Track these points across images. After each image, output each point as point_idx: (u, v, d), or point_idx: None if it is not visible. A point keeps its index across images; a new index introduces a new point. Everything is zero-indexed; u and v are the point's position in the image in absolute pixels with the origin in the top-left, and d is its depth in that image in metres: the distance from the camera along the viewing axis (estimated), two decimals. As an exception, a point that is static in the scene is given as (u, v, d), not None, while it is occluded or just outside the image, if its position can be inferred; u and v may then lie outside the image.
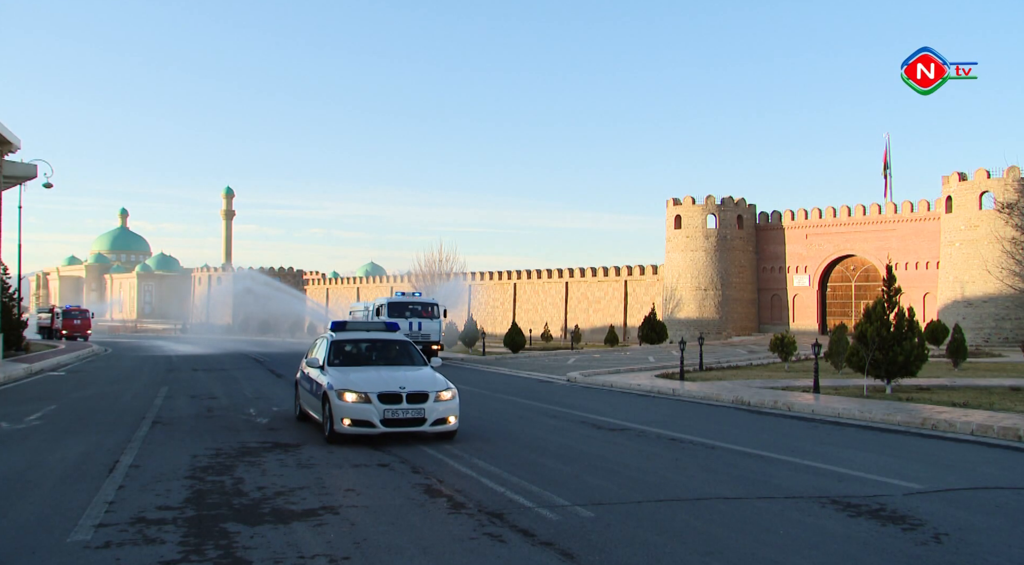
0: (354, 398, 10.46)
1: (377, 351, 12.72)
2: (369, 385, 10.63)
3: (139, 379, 22.97)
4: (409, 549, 5.87)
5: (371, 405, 10.38)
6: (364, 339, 12.93)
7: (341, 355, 12.23)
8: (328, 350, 12.09)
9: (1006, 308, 43.34)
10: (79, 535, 6.19)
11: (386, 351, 12.73)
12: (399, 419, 10.43)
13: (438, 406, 10.66)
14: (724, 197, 56.35)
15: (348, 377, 10.96)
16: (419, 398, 10.59)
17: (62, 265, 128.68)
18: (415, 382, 10.90)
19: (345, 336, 12.76)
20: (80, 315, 63.20)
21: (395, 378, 11.02)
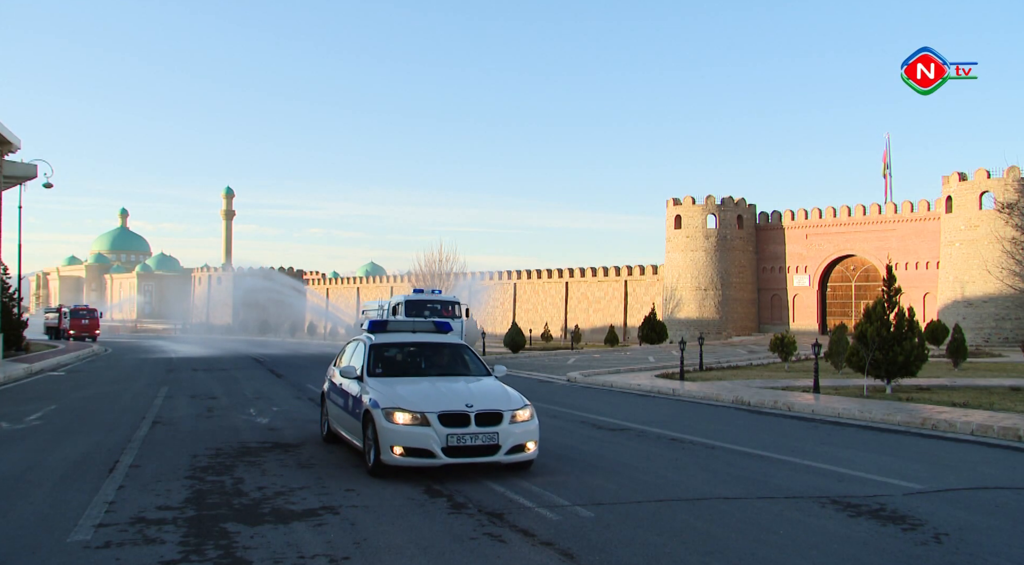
0: (407, 419, 8.24)
1: (427, 357, 10.43)
2: (426, 402, 8.44)
3: (139, 379, 22.97)
4: (409, 549, 5.87)
5: (430, 429, 8.15)
6: (411, 343, 10.56)
7: (383, 362, 9.88)
8: (367, 356, 9.74)
9: (1006, 308, 43.35)
10: (79, 535, 6.19)
11: (437, 357, 10.42)
12: (466, 447, 8.19)
13: (514, 429, 8.43)
14: (724, 197, 56.37)
15: (396, 391, 8.76)
16: (491, 419, 8.40)
17: (62, 265, 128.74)
18: (483, 398, 8.69)
19: (387, 338, 10.34)
20: (88, 315, 61.89)
21: (456, 392, 8.81)
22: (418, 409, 8.30)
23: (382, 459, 8.29)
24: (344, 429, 9.88)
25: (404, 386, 9.04)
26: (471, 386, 9.15)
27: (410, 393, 8.71)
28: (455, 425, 8.21)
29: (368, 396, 8.82)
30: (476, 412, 8.35)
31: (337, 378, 10.39)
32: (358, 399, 9.13)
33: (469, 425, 8.24)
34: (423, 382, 9.31)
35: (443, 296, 30.50)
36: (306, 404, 16.10)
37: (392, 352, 10.33)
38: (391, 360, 10.15)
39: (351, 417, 9.38)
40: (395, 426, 8.23)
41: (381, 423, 8.29)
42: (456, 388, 8.99)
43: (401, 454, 8.17)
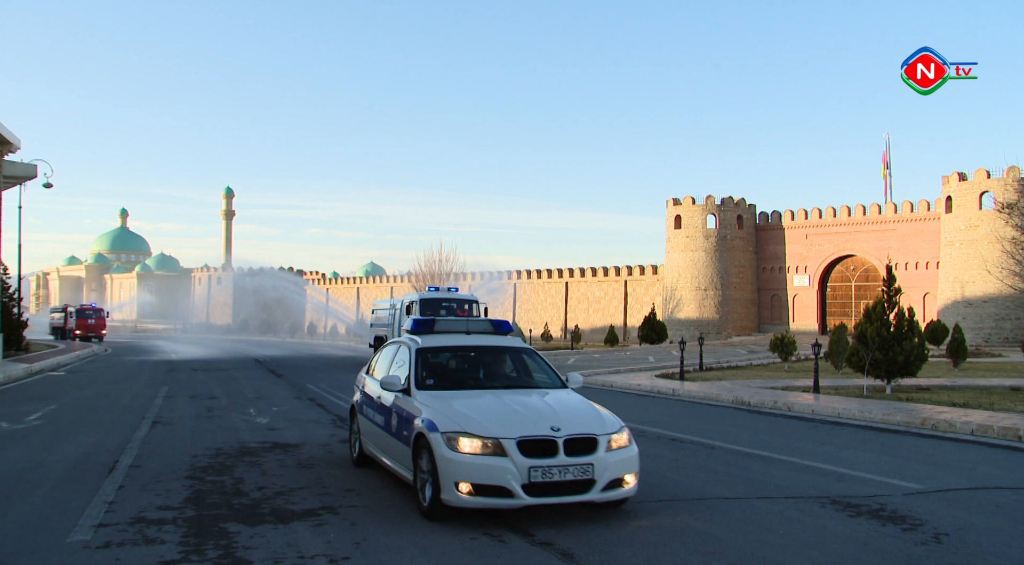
0: (476, 447, 6.46)
1: (486, 365, 8.61)
2: (499, 425, 6.66)
3: (139, 379, 22.97)
4: (409, 549, 5.87)
5: (507, 460, 6.36)
6: (466, 347, 8.75)
7: (433, 371, 8.14)
8: (415, 364, 8.00)
9: (1006, 308, 43.36)
10: (79, 535, 6.19)
11: (498, 364, 8.66)
12: (554, 483, 6.39)
13: (611, 458, 6.65)
14: (724, 197, 56.38)
15: (455, 409, 7.00)
16: (584, 446, 6.60)
17: (62, 265, 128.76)
18: (570, 418, 6.92)
19: (436, 341, 8.52)
20: (95, 314, 60.61)
21: (534, 411, 7.02)
22: (491, 434, 6.51)
23: (443, 498, 6.46)
24: (385, 454, 8.03)
25: (464, 402, 7.28)
26: (548, 401, 7.37)
27: (474, 412, 6.96)
28: (539, 455, 6.45)
29: (421, 416, 7.02)
30: (565, 438, 6.56)
31: (372, 388, 8.74)
32: (406, 419, 7.33)
33: (556, 454, 6.48)
34: (486, 396, 7.50)
35: (460, 294, 28.77)
36: (306, 404, 16.10)
37: (443, 358, 8.52)
38: (443, 368, 8.39)
39: (396, 441, 7.58)
40: (461, 456, 6.43)
41: (442, 452, 6.50)
42: (532, 404, 7.22)
43: (469, 493, 6.35)
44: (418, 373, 7.90)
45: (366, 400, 8.94)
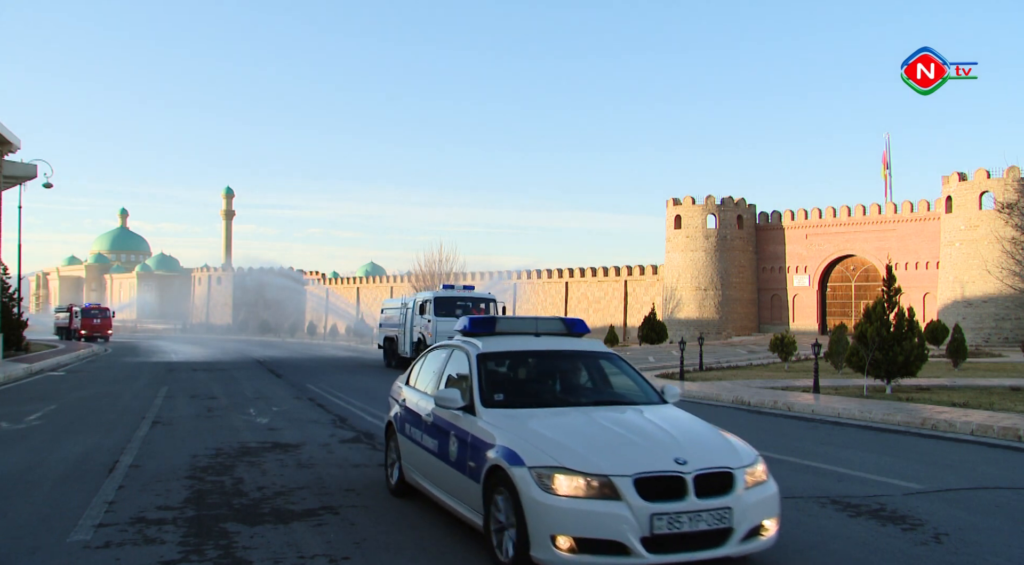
0: (578, 487, 4.93)
1: (564, 375, 7.00)
2: (605, 455, 5.09)
3: (139, 379, 22.98)
4: (409, 549, 5.87)
5: (620, 505, 4.84)
6: (538, 352, 7.03)
7: (500, 383, 6.59)
8: (477, 374, 6.40)
9: (1006, 308, 43.36)
10: (79, 535, 6.19)
11: (576, 373, 7.03)
12: (683, 535, 4.90)
13: (750, 499, 5.12)
14: (724, 197, 56.39)
15: (538, 433, 5.46)
16: (717, 484, 5.08)
17: (62, 265, 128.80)
18: (694, 446, 5.34)
19: (500, 345, 6.89)
20: (100, 314, 59.90)
21: (644, 435, 5.48)
22: (598, 470, 4.94)
23: (533, 557, 4.95)
24: (439, 486, 6.49)
25: (547, 423, 5.69)
26: (656, 422, 5.77)
27: (567, 437, 5.36)
28: (662, 497, 4.88)
29: (495, 443, 5.47)
30: (695, 473, 4.99)
31: (417, 403, 7.22)
32: (473, 446, 5.78)
33: (685, 496, 4.91)
34: (573, 416, 5.93)
35: (476, 293, 27.89)
36: (306, 404, 16.10)
37: (510, 366, 6.95)
38: (512, 379, 6.85)
39: (456, 472, 6.01)
40: (557, 500, 4.87)
41: (531, 494, 4.95)
42: (639, 427, 5.65)
43: (570, 549, 4.84)
44: (483, 386, 6.27)
45: (409, 417, 7.33)
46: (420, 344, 25.46)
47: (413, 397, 7.46)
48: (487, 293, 28.52)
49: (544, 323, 7.35)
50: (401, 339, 28.17)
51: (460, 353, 6.93)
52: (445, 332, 24.01)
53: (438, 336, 24.09)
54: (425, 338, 24.94)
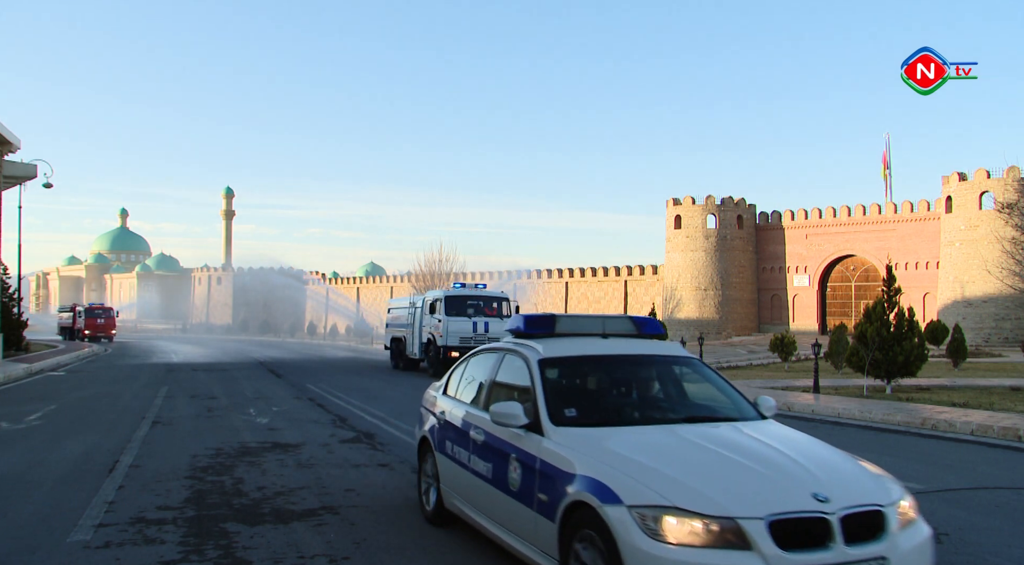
0: (696, 534, 3.84)
1: (640, 385, 5.93)
2: (726, 490, 4.02)
3: (139, 379, 22.97)
4: (409, 549, 5.87)
5: (752, 557, 3.75)
6: (609, 358, 5.84)
7: (568, 395, 5.50)
8: (541, 384, 5.28)
9: (1006, 308, 43.36)
10: (79, 535, 6.19)
11: (653, 383, 5.94)
12: None
13: (905, 544, 4.06)
14: (724, 197, 56.40)
15: (631, 460, 4.37)
16: (867, 526, 4.01)
17: (62, 265, 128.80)
18: (830, 476, 4.25)
19: (563, 349, 5.71)
20: (104, 314, 59.16)
21: (768, 463, 4.36)
22: (721, 511, 3.86)
23: None
24: (493, 519, 5.41)
25: (635, 444, 4.61)
26: (769, 442, 4.73)
27: (669, 466, 4.28)
28: (804, 545, 3.81)
29: (577, 472, 4.40)
30: (842, 514, 3.91)
31: (460, 416, 6.10)
32: (543, 473, 4.71)
33: (831, 544, 3.83)
34: (665, 436, 4.82)
35: (488, 291, 26.69)
36: (306, 404, 16.10)
37: (578, 375, 5.75)
38: (582, 392, 5.69)
39: (523, 507, 4.89)
40: (668, 550, 3.80)
41: (632, 541, 3.87)
42: (754, 451, 4.52)
43: None
44: (549, 399, 5.08)
45: (450, 433, 6.23)
46: (430, 345, 24.97)
47: (454, 409, 6.33)
48: (500, 292, 27.16)
49: (612, 322, 6.13)
50: (409, 340, 27.48)
51: (515, 358, 5.74)
52: (456, 332, 23.74)
53: (449, 337, 23.77)
54: (435, 339, 24.46)
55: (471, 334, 23.78)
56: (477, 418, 5.79)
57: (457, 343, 23.51)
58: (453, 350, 23.29)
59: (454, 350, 23.26)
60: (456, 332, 23.79)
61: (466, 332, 23.84)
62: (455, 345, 23.51)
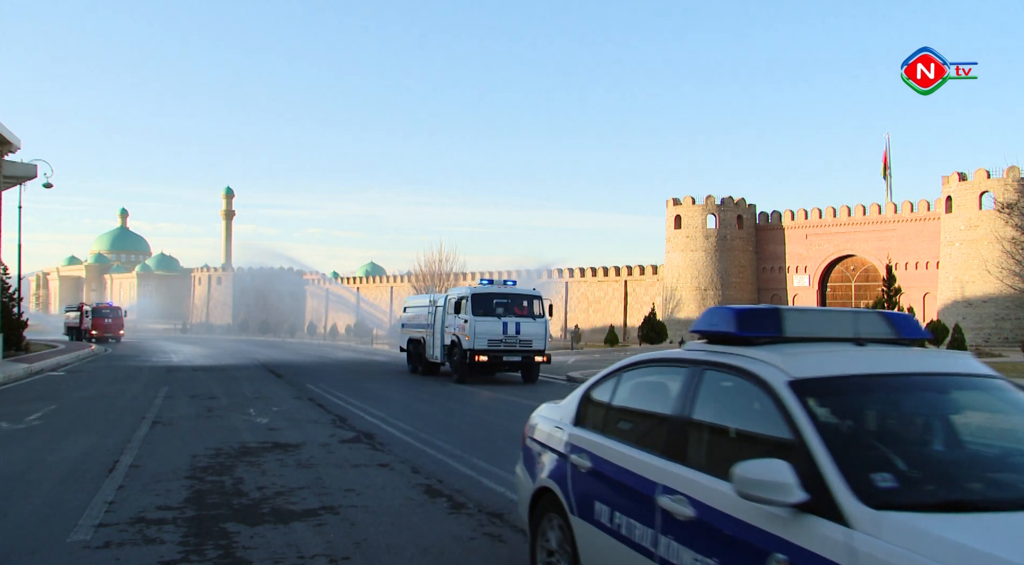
0: None
1: (944, 424, 3.56)
2: None
3: (139, 379, 22.98)
4: (409, 549, 5.86)
5: None
6: (900, 379, 3.51)
7: (859, 446, 3.17)
8: (811, 426, 3.01)
9: (1006, 308, 43.36)
10: (79, 535, 6.19)
11: (951, 420, 3.59)
12: None
13: None
14: (724, 197, 56.41)
15: None
16: None
17: (62, 265, 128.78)
18: None
19: (821, 366, 3.39)
20: (112, 314, 57.10)
21: None
22: None
23: None
24: None
25: None
26: None
27: None
28: None
29: None
30: None
31: (632, 467, 3.93)
32: None
33: None
34: None
35: (518, 289, 24.27)
36: (305, 404, 16.10)
37: (863, 410, 3.46)
38: (880, 440, 3.33)
39: None
40: None
41: None
42: None
43: None
44: (839, 455, 2.95)
45: (606, 491, 4.10)
46: (453, 348, 22.68)
47: (613, 454, 4.15)
48: (532, 289, 24.84)
49: (865, 322, 3.90)
50: (429, 342, 25.01)
51: (727, 378, 3.70)
52: (484, 334, 21.75)
53: (476, 339, 21.67)
54: (460, 341, 22.13)
55: (501, 336, 21.94)
56: (672, 476, 3.63)
57: (485, 346, 21.71)
58: (481, 354, 21.59)
59: (482, 354, 21.60)
60: (484, 334, 21.78)
61: (495, 334, 21.91)
62: (483, 348, 21.67)
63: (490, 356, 21.58)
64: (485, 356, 21.57)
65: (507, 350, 21.88)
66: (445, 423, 13.45)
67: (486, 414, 15.35)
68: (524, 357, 22.14)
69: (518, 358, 22.06)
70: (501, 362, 22.05)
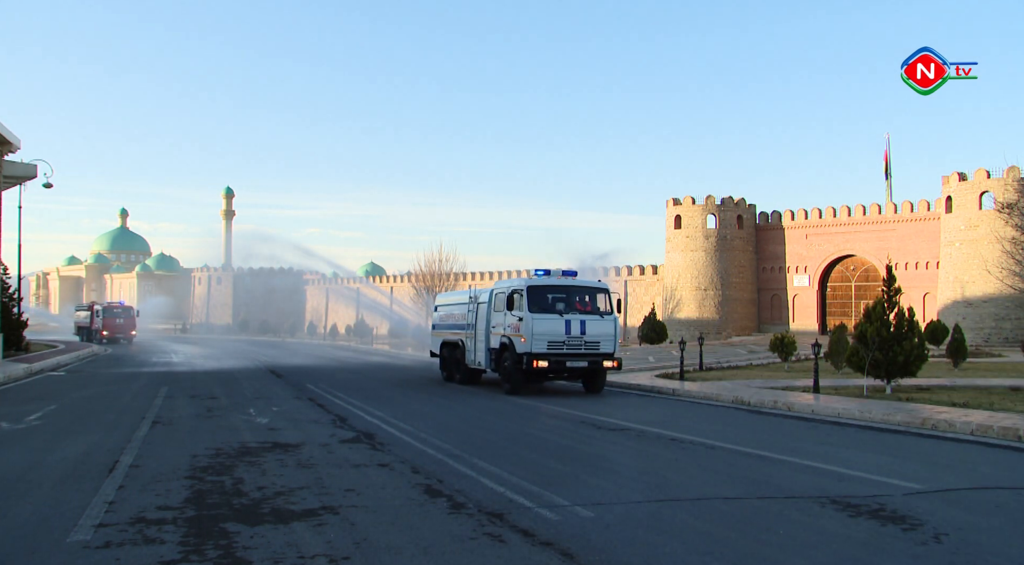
0: None
1: None
2: None
3: (139, 379, 22.98)
4: (409, 549, 5.87)
5: None
6: None
7: None
8: None
9: (1006, 308, 43.38)
10: (79, 535, 6.19)
11: None
12: None
13: None
14: (724, 197, 56.42)
15: None
16: None
17: (62, 265, 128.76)
18: None
19: None
20: (124, 313, 54.08)
21: None
22: None
23: None
24: None
25: None
26: None
27: None
28: None
29: None
30: None
31: None
32: None
33: None
34: None
35: (582, 280, 20.66)
36: (305, 404, 16.10)
37: None
38: None
39: None
40: None
41: None
42: None
43: None
44: None
45: None
46: (503, 352, 19.21)
47: None
48: (597, 281, 21.14)
49: None
50: (469, 345, 21.57)
51: None
52: (544, 335, 18.36)
53: (535, 341, 18.26)
54: (514, 344, 18.69)
55: (563, 338, 18.48)
56: None
57: (544, 349, 18.30)
58: (540, 359, 18.15)
59: (541, 359, 18.17)
60: (544, 334, 18.37)
61: (557, 335, 18.46)
62: (542, 352, 18.25)
63: (551, 361, 18.24)
64: (545, 361, 18.19)
65: (571, 354, 18.51)
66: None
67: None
68: (591, 362, 18.65)
69: (584, 364, 18.61)
70: (564, 369, 18.61)
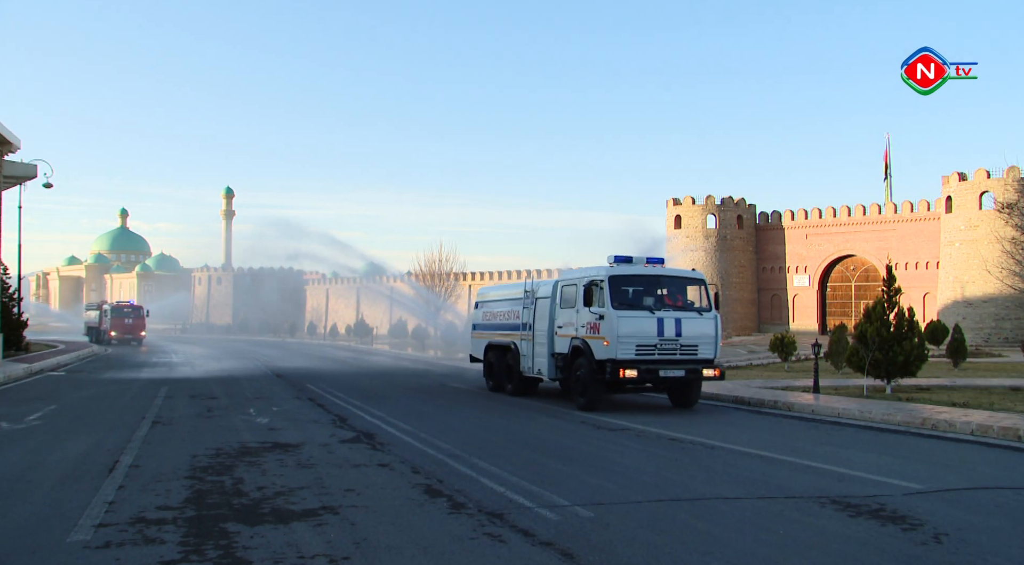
0: None
1: None
2: None
3: (139, 379, 22.97)
4: (409, 549, 5.87)
5: None
6: None
7: None
8: None
9: (1006, 308, 43.39)
10: (79, 535, 6.19)
11: None
12: None
13: None
14: (724, 197, 56.43)
15: None
16: None
17: (62, 265, 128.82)
18: None
19: None
20: (133, 313, 51.65)
21: None
22: None
23: None
24: None
25: None
26: None
27: None
28: None
29: None
30: None
31: None
32: None
33: None
34: None
35: (673, 269, 17.03)
36: (305, 404, 16.09)
37: None
38: None
39: None
40: None
41: None
42: None
43: None
44: None
45: None
46: (576, 357, 15.56)
47: None
48: (692, 270, 17.31)
49: None
50: (525, 349, 17.86)
51: None
52: (632, 336, 14.65)
53: (620, 343, 14.57)
54: (591, 348, 15.02)
55: (655, 340, 14.75)
56: None
57: (632, 355, 14.63)
58: (627, 367, 14.49)
59: (629, 367, 14.50)
60: (632, 336, 14.66)
61: (648, 337, 14.73)
62: (629, 358, 14.59)
63: (641, 369, 14.57)
64: (633, 370, 14.50)
65: (664, 360, 14.80)
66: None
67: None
68: (688, 371, 14.95)
69: (680, 372, 14.88)
70: (657, 379, 14.89)
